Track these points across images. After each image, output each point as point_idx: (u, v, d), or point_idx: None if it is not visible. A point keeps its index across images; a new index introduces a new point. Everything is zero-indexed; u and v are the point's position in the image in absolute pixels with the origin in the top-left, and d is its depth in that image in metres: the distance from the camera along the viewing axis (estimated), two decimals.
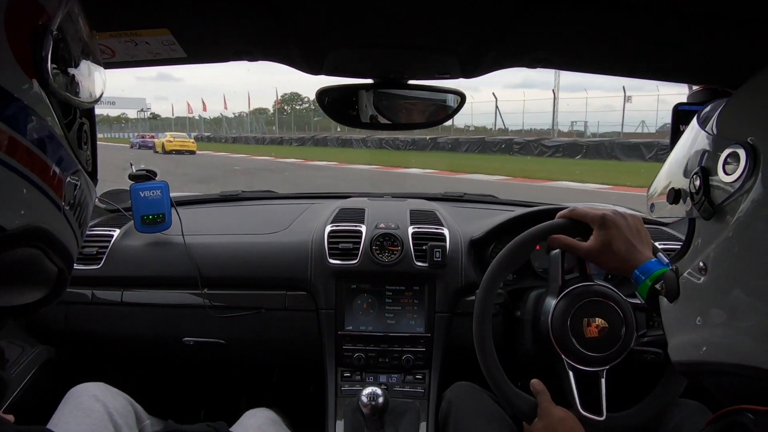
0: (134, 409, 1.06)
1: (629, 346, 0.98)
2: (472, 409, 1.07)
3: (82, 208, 0.51)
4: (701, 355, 0.51)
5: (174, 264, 1.38)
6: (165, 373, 1.73)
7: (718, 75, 0.88)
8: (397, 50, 0.84)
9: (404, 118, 1.03)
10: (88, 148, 0.54)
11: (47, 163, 0.42)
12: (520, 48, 0.81)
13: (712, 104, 0.55)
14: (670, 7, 0.65)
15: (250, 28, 0.76)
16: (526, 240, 1.01)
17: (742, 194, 0.45)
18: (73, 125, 0.49)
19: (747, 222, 0.45)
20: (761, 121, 0.46)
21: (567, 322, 0.99)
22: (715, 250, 0.49)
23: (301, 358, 1.45)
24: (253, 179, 13.46)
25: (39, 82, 0.41)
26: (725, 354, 0.47)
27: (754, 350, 0.45)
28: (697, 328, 0.51)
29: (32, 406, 1.03)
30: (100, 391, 1.02)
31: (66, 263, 0.49)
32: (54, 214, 0.44)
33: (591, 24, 0.72)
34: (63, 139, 0.45)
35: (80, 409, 0.97)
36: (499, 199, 1.83)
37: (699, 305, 0.52)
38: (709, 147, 0.50)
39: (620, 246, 0.89)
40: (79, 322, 1.38)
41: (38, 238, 0.43)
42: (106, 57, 0.79)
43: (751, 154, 0.44)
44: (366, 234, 1.37)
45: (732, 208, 0.47)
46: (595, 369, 0.98)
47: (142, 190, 1.38)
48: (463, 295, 1.35)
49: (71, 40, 0.45)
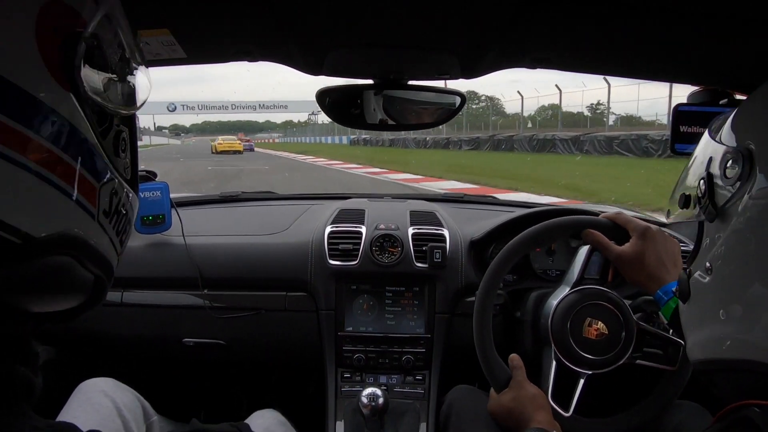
0: (142, 405, 1.07)
1: (621, 358, 0.99)
2: (473, 412, 1.07)
3: (120, 216, 0.50)
4: (710, 352, 0.53)
5: (174, 265, 1.38)
6: (165, 374, 1.73)
7: (718, 75, 0.88)
8: (397, 50, 0.84)
9: (412, 119, 1.04)
10: (127, 156, 0.53)
11: (79, 171, 0.42)
12: (520, 48, 0.81)
13: (723, 115, 0.57)
14: (671, 8, 0.65)
15: (250, 28, 0.76)
16: (561, 225, 1.02)
17: (741, 197, 0.48)
18: (109, 132, 0.48)
19: (744, 223, 0.47)
20: (759, 127, 0.49)
21: (569, 319, 1.00)
22: (718, 251, 0.51)
23: (301, 358, 1.45)
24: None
25: (71, 89, 0.40)
26: (732, 351, 0.49)
27: (753, 346, 0.47)
28: (705, 327, 0.53)
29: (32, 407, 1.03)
30: (109, 386, 1.03)
31: (104, 270, 0.48)
32: (87, 221, 0.44)
33: (591, 24, 0.71)
34: (97, 147, 0.44)
35: (89, 404, 0.98)
36: (499, 200, 1.83)
37: (706, 305, 0.54)
38: (714, 154, 0.53)
39: (651, 261, 0.90)
40: (80, 322, 1.36)
41: (70, 246, 0.42)
42: None
43: (748, 158, 0.47)
44: (366, 235, 1.37)
45: (732, 210, 0.49)
46: (583, 370, 0.99)
47: (142, 191, 1.38)
48: (463, 296, 1.35)
49: (108, 46, 0.45)
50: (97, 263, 0.47)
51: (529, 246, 1.05)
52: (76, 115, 0.41)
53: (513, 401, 0.95)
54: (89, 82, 0.41)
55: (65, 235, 0.41)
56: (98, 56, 0.43)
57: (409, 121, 1.03)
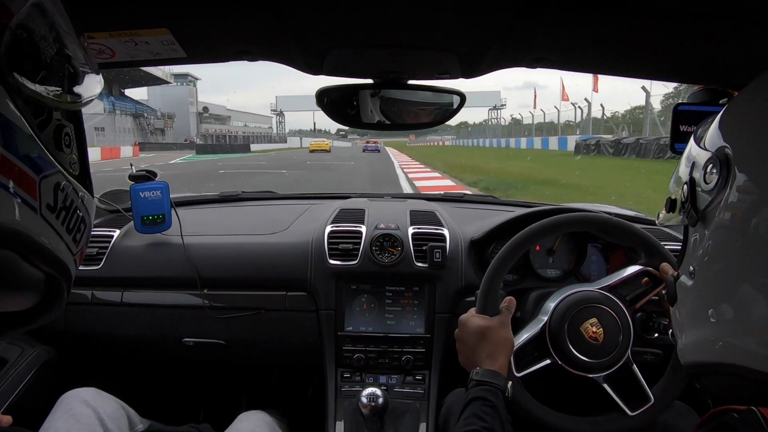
0: (126, 413, 1.06)
1: (618, 362, 0.99)
2: None
3: (69, 213, 0.49)
4: (696, 356, 0.53)
5: (174, 265, 1.38)
6: (165, 374, 1.73)
7: (718, 75, 0.88)
8: (396, 50, 0.84)
9: (408, 119, 1.04)
10: (72, 152, 0.52)
11: (12, 161, 0.41)
12: (520, 48, 0.81)
13: (708, 120, 0.58)
14: (671, 7, 0.65)
15: (250, 28, 0.76)
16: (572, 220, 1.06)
17: (720, 201, 0.49)
18: (47, 125, 0.48)
19: (723, 227, 0.49)
20: (736, 132, 0.50)
21: (567, 320, 1.00)
22: (700, 255, 0.52)
23: (300, 358, 1.45)
24: None
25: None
26: (719, 354, 0.50)
27: (738, 350, 0.47)
28: (693, 330, 0.54)
29: (32, 407, 1.03)
30: (91, 395, 1.02)
31: (56, 269, 0.47)
32: (28, 215, 0.43)
33: (591, 24, 0.71)
34: (33, 139, 0.44)
35: (70, 415, 0.97)
36: (499, 200, 1.83)
37: (691, 308, 0.55)
38: (698, 159, 0.54)
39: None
40: (80, 322, 1.38)
41: (10, 240, 0.41)
42: (106, 57, 0.79)
43: (725, 163, 0.48)
44: (366, 234, 1.37)
45: (712, 214, 0.50)
46: (579, 372, 0.99)
47: (142, 191, 1.38)
48: (464, 295, 1.35)
49: (41, 39, 0.44)
50: (45, 260, 0.46)
51: (541, 237, 1.07)
52: (4, 105, 0.40)
53: (486, 330, 0.92)
54: (19, 73, 0.41)
55: (3, 227, 0.40)
56: (28, 48, 0.42)
57: (409, 120, 1.03)
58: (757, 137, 0.47)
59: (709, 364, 0.51)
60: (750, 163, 0.47)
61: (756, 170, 0.46)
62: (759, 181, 0.46)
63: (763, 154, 0.46)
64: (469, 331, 0.94)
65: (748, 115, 0.51)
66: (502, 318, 0.96)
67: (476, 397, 0.81)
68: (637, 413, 0.99)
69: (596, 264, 1.37)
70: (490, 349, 0.90)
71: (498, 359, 0.89)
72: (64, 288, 0.50)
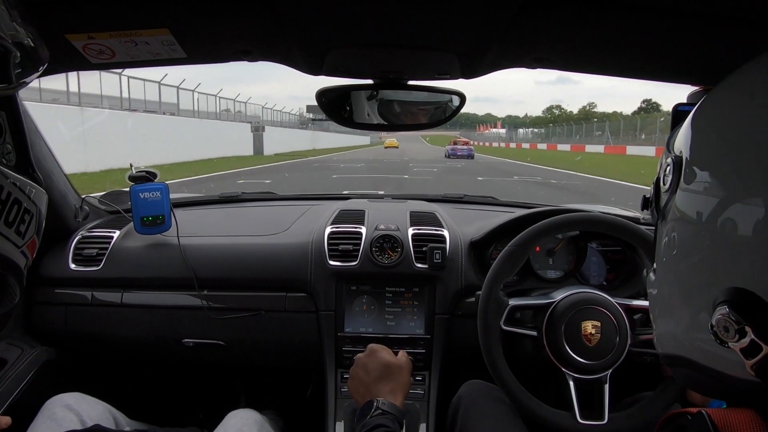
0: (113, 417, 1.05)
1: (615, 363, 1.00)
2: (482, 407, 1.08)
3: (7, 205, 0.46)
4: (661, 347, 0.56)
5: (174, 265, 1.38)
6: (164, 375, 1.72)
7: (717, 75, 0.88)
8: (396, 50, 0.84)
9: (407, 119, 1.04)
10: (6, 140, 0.49)
11: None
12: (520, 48, 0.81)
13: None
14: (670, 8, 0.65)
15: (250, 27, 0.76)
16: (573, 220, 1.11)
17: (672, 201, 0.52)
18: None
19: (670, 224, 0.52)
20: (688, 136, 0.54)
21: (564, 321, 1.00)
22: (659, 251, 0.55)
23: (300, 359, 1.44)
24: None
25: None
26: (674, 347, 0.52)
27: (690, 345, 0.49)
28: (657, 323, 0.57)
29: (32, 408, 1.03)
30: (74, 400, 1.01)
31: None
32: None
33: (591, 24, 0.72)
34: None
35: (52, 420, 0.96)
36: (499, 201, 1.83)
37: (653, 302, 0.58)
38: (664, 160, 0.57)
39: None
40: (79, 323, 1.38)
41: None
42: (106, 57, 0.79)
43: (678, 165, 0.51)
44: (366, 235, 1.37)
45: (666, 212, 0.53)
46: (572, 373, 1.00)
47: (141, 192, 1.38)
48: (463, 296, 1.35)
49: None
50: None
51: (543, 237, 1.09)
52: None
53: (396, 368, 0.98)
54: None
55: None
56: None
57: (408, 121, 1.03)
58: (700, 146, 0.51)
59: (671, 356, 0.54)
60: (694, 170, 0.50)
61: (700, 177, 0.49)
62: (698, 188, 0.48)
63: (704, 162, 0.49)
64: (378, 362, 0.99)
65: (695, 123, 0.54)
66: (410, 364, 1.03)
67: (381, 424, 0.86)
68: (584, 423, 1.00)
69: (596, 265, 1.37)
70: (394, 386, 0.96)
71: (398, 397, 0.94)
72: (12, 282, 0.47)
